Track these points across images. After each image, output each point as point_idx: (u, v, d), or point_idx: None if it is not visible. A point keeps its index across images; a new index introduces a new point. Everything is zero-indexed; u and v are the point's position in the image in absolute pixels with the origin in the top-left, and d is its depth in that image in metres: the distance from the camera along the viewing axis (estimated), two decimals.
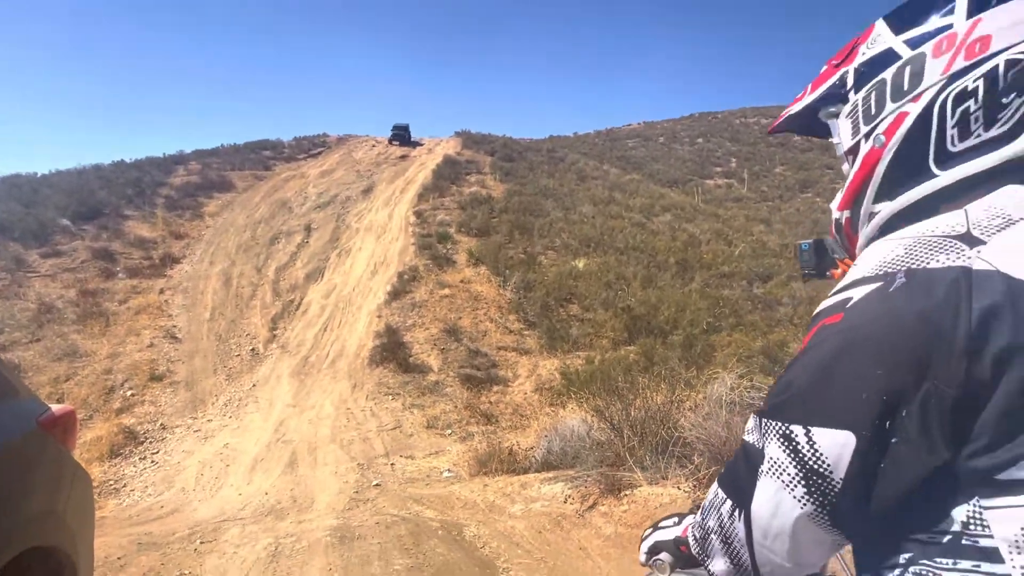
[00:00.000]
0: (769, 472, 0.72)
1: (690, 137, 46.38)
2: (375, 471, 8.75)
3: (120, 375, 12.10)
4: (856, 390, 0.65)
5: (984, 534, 0.60)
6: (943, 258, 0.65)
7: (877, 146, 0.81)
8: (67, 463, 2.00)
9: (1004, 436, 0.59)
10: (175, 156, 29.78)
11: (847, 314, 0.69)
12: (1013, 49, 0.71)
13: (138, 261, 17.69)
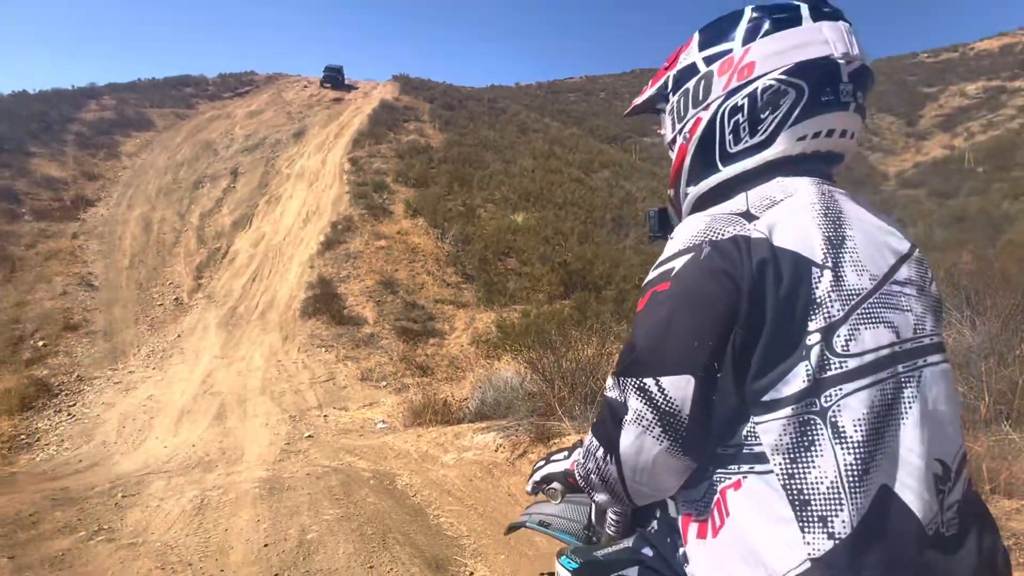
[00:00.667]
0: (631, 421, 0.87)
1: (631, 94, 46.53)
2: (308, 423, 8.68)
3: (30, 324, 11.35)
4: (689, 341, 0.82)
5: (756, 443, 0.81)
6: (731, 229, 0.84)
7: (684, 142, 1.03)
8: None
9: (767, 366, 0.79)
10: (86, 89, 27.37)
11: (673, 281, 0.85)
12: (769, 75, 0.91)
13: (47, 203, 16.39)
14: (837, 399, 0.77)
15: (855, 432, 0.77)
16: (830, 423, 0.77)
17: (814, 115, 0.91)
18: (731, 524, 0.83)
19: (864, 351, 0.79)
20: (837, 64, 0.90)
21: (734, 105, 0.94)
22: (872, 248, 0.87)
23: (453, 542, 3.94)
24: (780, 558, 0.77)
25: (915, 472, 0.78)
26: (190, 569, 3.45)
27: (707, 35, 1.01)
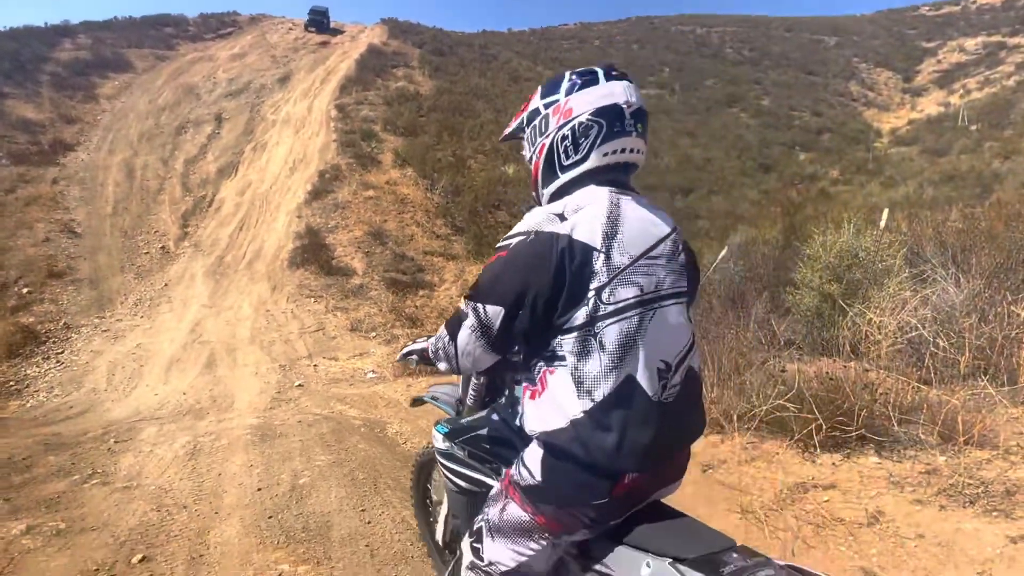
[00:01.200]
0: (467, 325, 1.45)
1: (626, 42, 45.27)
2: (298, 372, 8.74)
3: (13, 271, 11.19)
4: (507, 289, 1.36)
5: (560, 350, 1.36)
6: (549, 225, 1.35)
7: (536, 160, 1.53)
8: None
9: (566, 309, 1.33)
10: (59, 27, 26.22)
11: (509, 251, 1.39)
12: (582, 115, 1.42)
13: (24, 146, 15.92)
14: (603, 327, 1.33)
15: (611, 345, 1.33)
16: (598, 340, 1.33)
17: (611, 140, 1.43)
18: (547, 393, 1.40)
19: (619, 300, 1.34)
20: (622, 108, 1.43)
21: (563, 135, 1.46)
22: (636, 236, 1.39)
23: None
24: (570, 410, 1.35)
25: (648, 367, 1.35)
26: (185, 512, 3.52)
27: (545, 89, 1.54)
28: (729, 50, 44.04)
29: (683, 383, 1.43)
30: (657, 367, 1.37)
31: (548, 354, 1.39)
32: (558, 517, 1.41)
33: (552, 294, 1.33)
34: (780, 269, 6.73)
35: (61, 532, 3.22)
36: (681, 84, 33.80)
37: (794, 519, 2.96)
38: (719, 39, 47.01)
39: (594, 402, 1.32)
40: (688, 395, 1.45)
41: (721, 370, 4.18)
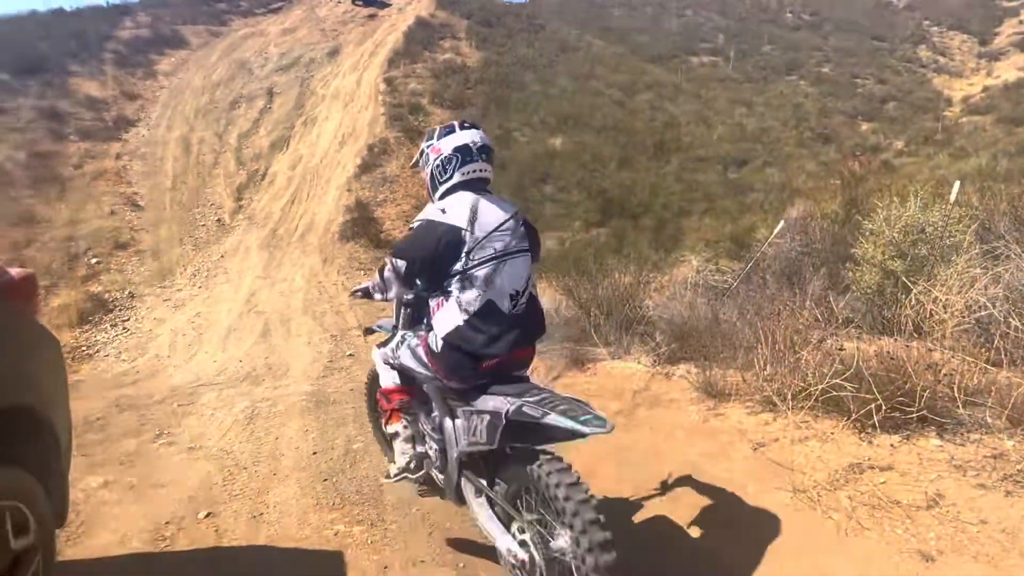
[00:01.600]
0: (388, 269, 2.58)
1: (679, 8, 43.74)
2: (348, 342, 8.97)
3: (83, 242, 11.79)
4: (407, 252, 2.45)
5: (450, 286, 2.34)
6: (434, 217, 2.36)
7: (427, 178, 2.55)
8: (31, 327, 1.99)
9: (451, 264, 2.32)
10: (120, 6, 27.06)
11: (413, 231, 2.47)
12: (447, 152, 2.43)
13: (90, 123, 16.62)
14: (473, 272, 2.27)
15: (479, 282, 2.27)
16: (471, 280, 2.28)
17: (466, 165, 2.39)
18: (443, 310, 2.34)
19: (482, 257, 2.28)
20: (471, 146, 2.40)
21: (437, 164, 2.44)
22: (489, 218, 2.31)
23: None
24: (456, 320, 2.30)
25: (503, 294, 2.31)
26: (245, 472, 3.69)
27: (428, 136, 2.53)
28: (789, 15, 41.98)
29: (527, 303, 2.43)
30: (509, 294, 2.35)
31: (444, 289, 2.37)
32: (444, 374, 2.42)
33: (433, 258, 2.34)
34: (839, 244, 6.47)
35: (134, 487, 3.43)
36: (736, 51, 32.48)
37: (848, 500, 2.89)
38: (778, 3, 44.83)
39: (469, 315, 2.31)
40: (531, 311, 2.46)
41: (775, 347, 4.08)
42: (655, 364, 4.61)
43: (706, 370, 4.13)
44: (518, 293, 2.34)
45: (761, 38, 35.79)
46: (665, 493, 3.31)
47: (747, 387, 3.97)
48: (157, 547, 2.84)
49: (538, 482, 2.10)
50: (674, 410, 4.11)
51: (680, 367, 4.53)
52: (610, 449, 3.89)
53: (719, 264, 7.00)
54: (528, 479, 2.15)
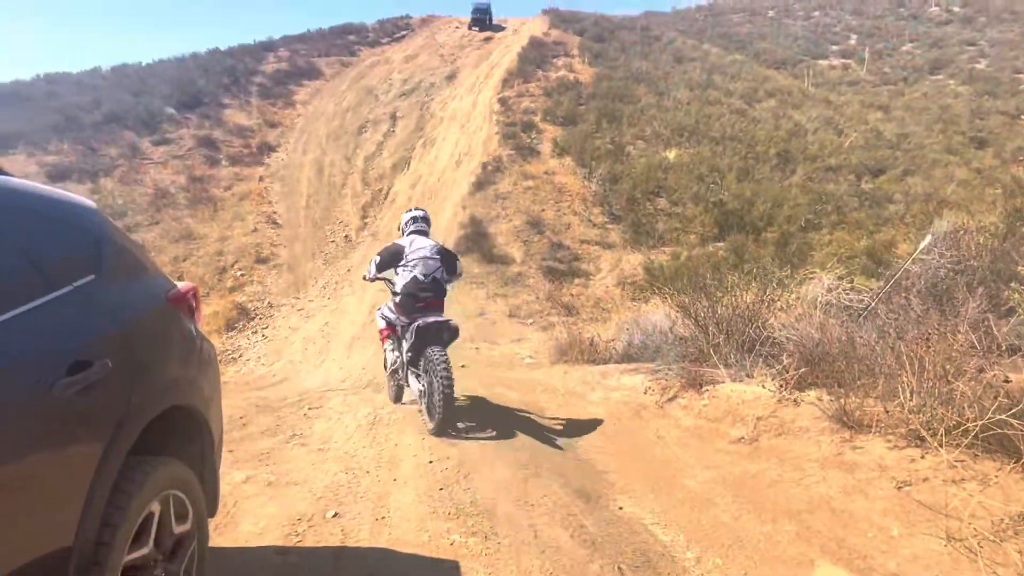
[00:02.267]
0: (372, 261, 5.56)
1: (805, 10, 41.22)
2: (461, 354, 9.20)
3: (230, 257, 13.12)
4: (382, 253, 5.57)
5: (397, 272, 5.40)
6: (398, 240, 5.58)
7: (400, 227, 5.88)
8: (194, 333, 2.23)
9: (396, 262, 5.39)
10: (265, 43, 30.00)
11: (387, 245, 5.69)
12: (404, 220, 5.82)
13: (238, 149, 18.53)
14: (407, 265, 5.28)
15: (408, 269, 5.27)
16: (407, 268, 5.28)
17: (412, 225, 5.66)
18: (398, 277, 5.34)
19: (411, 260, 5.29)
20: (417, 217, 5.76)
21: (400, 226, 5.81)
22: (417, 245, 5.38)
23: (602, 477, 4.03)
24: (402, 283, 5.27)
25: (418, 274, 5.25)
26: (368, 476, 3.88)
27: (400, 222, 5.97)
28: (934, 8, 38.24)
29: (433, 280, 5.25)
30: (423, 274, 5.20)
31: (397, 271, 5.29)
32: (400, 312, 5.26)
33: (391, 260, 5.31)
34: (1000, 261, 5.75)
35: (271, 483, 3.72)
36: (871, 51, 30.06)
37: (1019, 554, 2.52)
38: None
39: (406, 281, 5.18)
40: (436, 281, 5.27)
41: (924, 376, 3.67)
42: (781, 389, 4.31)
43: (841, 398, 3.79)
44: (427, 275, 5.24)
45: (900, 36, 32.87)
46: (794, 529, 3.07)
47: (889, 419, 3.60)
48: (290, 541, 3.05)
49: (428, 357, 4.77)
50: (803, 440, 3.81)
51: (810, 393, 4.20)
52: (730, 478, 3.68)
53: (854, 282, 6.44)
54: (427, 357, 4.81)
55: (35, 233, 1.63)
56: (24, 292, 1.50)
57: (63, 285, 1.63)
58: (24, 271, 1.54)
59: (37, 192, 1.77)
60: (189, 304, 2.29)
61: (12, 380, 1.36)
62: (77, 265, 1.75)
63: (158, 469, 1.80)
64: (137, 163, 16.79)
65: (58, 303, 1.59)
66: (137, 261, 2.10)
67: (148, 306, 2.02)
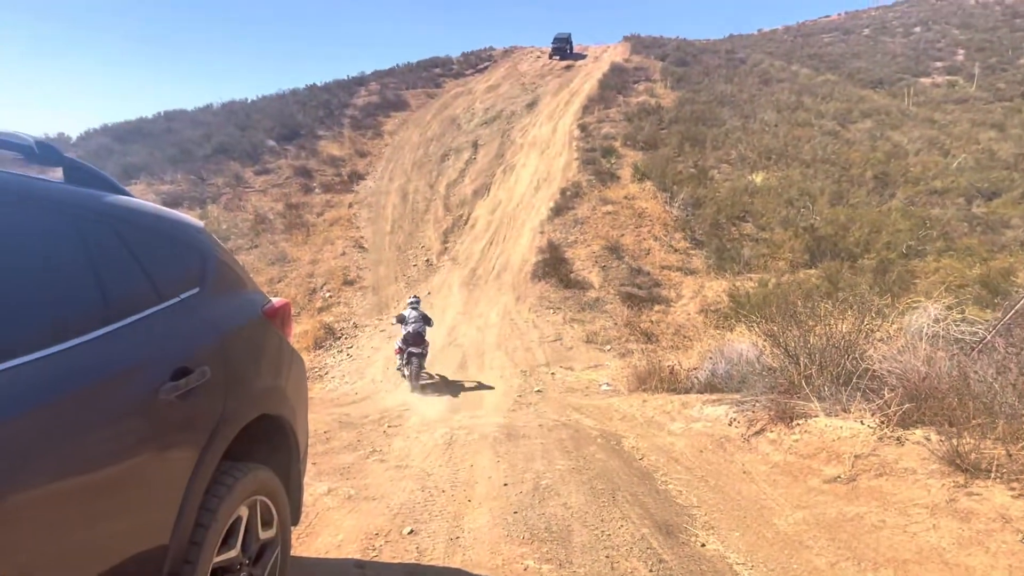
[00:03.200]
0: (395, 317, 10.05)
1: (904, 26, 39.01)
2: (537, 378, 9.20)
3: (320, 279, 13.80)
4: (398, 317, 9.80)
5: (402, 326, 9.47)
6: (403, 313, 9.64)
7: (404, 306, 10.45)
8: (286, 348, 2.34)
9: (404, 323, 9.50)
10: (357, 78, 31.78)
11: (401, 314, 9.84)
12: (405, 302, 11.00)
13: (330, 177, 19.60)
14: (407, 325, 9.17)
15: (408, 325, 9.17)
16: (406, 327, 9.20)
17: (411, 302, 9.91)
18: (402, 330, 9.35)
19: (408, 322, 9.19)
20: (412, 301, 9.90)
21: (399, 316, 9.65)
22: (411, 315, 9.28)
23: (683, 511, 3.85)
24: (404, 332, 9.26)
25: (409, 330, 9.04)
26: (444, 495, 3.90)
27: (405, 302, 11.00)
28: None
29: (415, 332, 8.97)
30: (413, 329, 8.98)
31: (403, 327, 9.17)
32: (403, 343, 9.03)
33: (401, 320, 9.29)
34: None
35: (351, 497, 3.81)
36: (982, 67, 27.97)
37: None
38: None
39: (405, 333, 9.02)
40: (417, 332, 8.98)
41: None
42: (883, 425, 3.98)
43: (953, 438, 3.45)
44: (415, 331, 8.93)
45: (1017, 48, 30.41)
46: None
47: (1012, 463, 3.24)
48: (367, 555, 3.09)
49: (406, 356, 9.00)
50: (909, 482, 3.49)
51: (916, 431, 3.85)
52: (825, 519, 3.41)
53: (965, 313, 5.90)
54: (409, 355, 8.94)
55: (150, 248, 1.77)
56: (138, 302, 1.62)
57: (171, 296, 1.76)
58: (140, 283, 1.67)
59: (153, 211, 1.93)
60: (282, 318, 2.41)
61: (125, 384, 1.47)
62: (184, 278, 1.88)
63: (248, 475, 1.88)
64: (240, 191, 18.11)
65: (166, 313, 1.71)
66: (237, 277, 2.24)
67: (245, 318, 2.14)
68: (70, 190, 1.60)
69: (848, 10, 51.89)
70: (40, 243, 1.43)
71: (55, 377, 1.29)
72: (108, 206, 1.68)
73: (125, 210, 1.75)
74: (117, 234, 1.65)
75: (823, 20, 48.69)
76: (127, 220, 1.72)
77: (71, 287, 1.45)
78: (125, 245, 1.66)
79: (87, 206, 1.60)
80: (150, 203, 2.00)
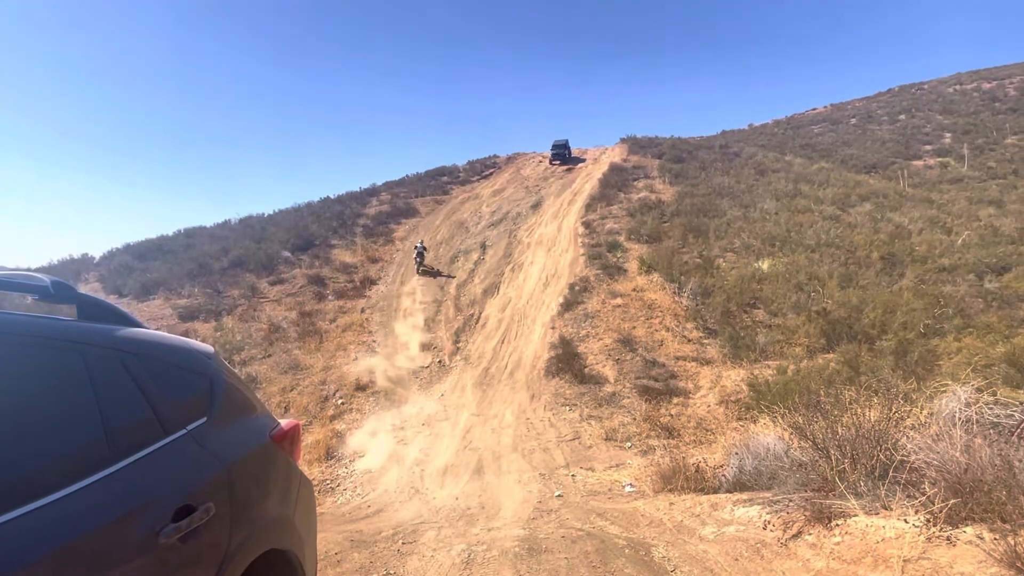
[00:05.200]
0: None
1: (889, 115, 40.78)
2: (556, 481, 8.81)
3: (332, 386, 13.68)
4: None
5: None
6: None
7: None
8: (294, 473, 2.26)
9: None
10: (369, 189, 33.25)
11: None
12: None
13: (343, 284, 19.96)
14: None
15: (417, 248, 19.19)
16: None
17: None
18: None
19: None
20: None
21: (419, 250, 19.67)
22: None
23: None
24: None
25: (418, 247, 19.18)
26: None
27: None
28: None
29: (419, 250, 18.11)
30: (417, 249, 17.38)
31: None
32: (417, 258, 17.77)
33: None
34: None
35: None
36: (971, 147, 28.87)
37: None
38: (1017, 90, 39.67)
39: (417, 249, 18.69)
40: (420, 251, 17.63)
41: None
42: (929, 524, 3.71)
43: (1008, 535, 3.20)
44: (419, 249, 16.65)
45: (1001, 130, 31.51)
46: None
47: None
48: None
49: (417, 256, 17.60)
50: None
51: (966, 530, 3.58)
52: None
53: (997, 394, 5.69)
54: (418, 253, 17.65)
55: (157, 380, 1.75)
56: (143, 438, 1.58)
57: (177, 429, 1.72)
58: (145, 417, 1.64)
59: (162, 341, 1.94)
60: (291, 440, 2.34)
61: (124, 529, 1.40)
62: (191, 408, 1.85)
63: None
64: (255, 302, 18.42)
65: (171, 448, 1.66)
66: (246, 401, 2.20)
67: (252, 445, 2.08)
68: (80, 327, 1.62)
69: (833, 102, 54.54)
70: (47, 384, 1.43)
71: (47, 528, 1.23)
72: (117, 340, 1.69)
73: (134, 342, 1.75)
74: (125, 368, 1.64)
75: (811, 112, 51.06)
76: (135, 353, 1.72)
77: (75, 429, 1.42)
78: (133, 378, 1.65)
79: (96, 342, 1.61)
80: (160, 333, 2.01)
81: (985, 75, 47.67)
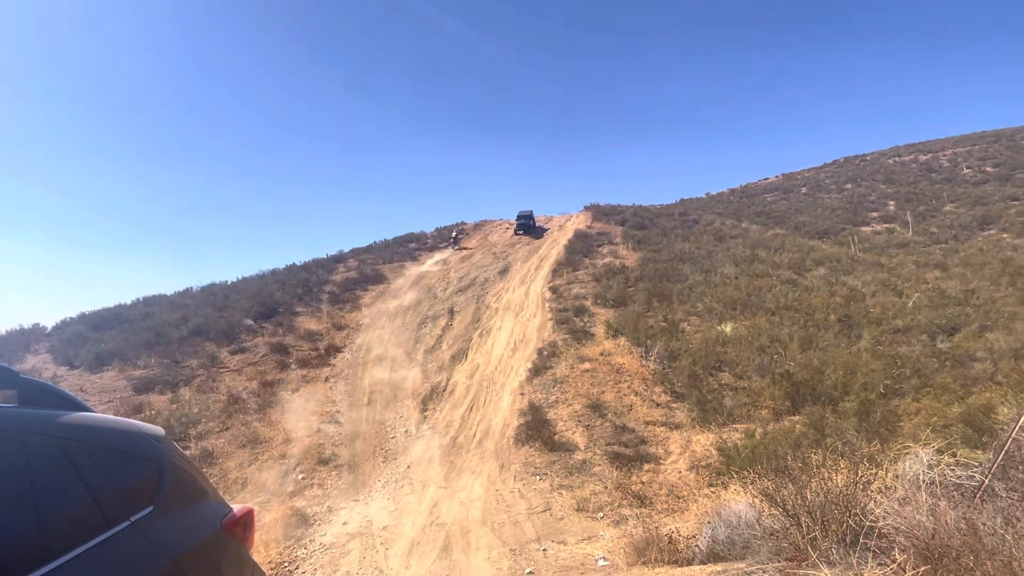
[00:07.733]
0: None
1: (837, 184, 43.14)
2: (527, 557, 8.49)
3: (292, 460, 13.13)
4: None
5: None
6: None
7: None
8: (247, 563, 2.13)
9: None
10: (336, 256, 33.17)
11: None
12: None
13: (307, 352, 19.53)
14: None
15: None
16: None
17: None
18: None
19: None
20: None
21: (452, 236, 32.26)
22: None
23: None
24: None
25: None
26: None
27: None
28: (967, 171, 39.41)
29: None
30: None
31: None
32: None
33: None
34: None
35: None
36: (914, 215, 30.54)
37: None
38: (950, 162, 42.57)
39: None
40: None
41: None
42: None
43: None
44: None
45: (939, 198, 33.53)
46: None
47: None
48: None
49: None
50: None
51: None
52: None
53: (957, 455, 5.78)
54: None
55: (101, 468, 1.66)
56: (82, 532, 1.48)
57: (120, 521, 1.62)
58: (86, 509, 1.54)
59: (106, 424, 1.85)
60: (244, 527, 2.22)
61: None
62: (137, 496, 1.75)
63: None
64: (215, 372, 17.81)
65: (113, 542, 1.56)
66: (196, 486, 2.09)
67: (202, 535, 1.97)
68: (19, 414, 1.54)
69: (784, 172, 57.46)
70: None
71: None
72: (59, 427, 1.60)
73: (77, 428, 1.67)
74: (66, 456, 1.55)
75: (763, 182, 53.63)
76: (78, 439, 1.63)
77: (4, 525, 1.33)
78: (74, 467, 1.56)
79: (36, 429, 1.52)
80: (107, 416, 1.92)
81: (920, 148, 51.10)
